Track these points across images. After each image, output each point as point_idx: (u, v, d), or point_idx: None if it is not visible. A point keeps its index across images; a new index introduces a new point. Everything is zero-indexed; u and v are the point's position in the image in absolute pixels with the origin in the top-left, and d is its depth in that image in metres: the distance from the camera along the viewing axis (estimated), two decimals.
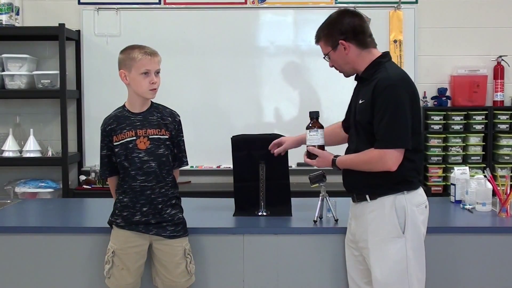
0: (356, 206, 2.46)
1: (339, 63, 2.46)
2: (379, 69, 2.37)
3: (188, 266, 2.58)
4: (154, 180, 2.52)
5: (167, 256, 2.55)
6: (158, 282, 2.60)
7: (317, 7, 4.56)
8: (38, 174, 4.51)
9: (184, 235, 2.60)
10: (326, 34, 2.46)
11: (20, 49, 4.46)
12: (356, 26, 2.41)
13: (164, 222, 2.54)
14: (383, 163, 2.29)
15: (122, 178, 2.56)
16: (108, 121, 2.57)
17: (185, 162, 2.67)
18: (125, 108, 2.58)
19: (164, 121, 2.57)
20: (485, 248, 2.68)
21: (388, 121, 2.26)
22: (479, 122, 4.51)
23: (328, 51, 2.46)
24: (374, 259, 2.36)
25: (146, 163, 2.51)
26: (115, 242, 2.55)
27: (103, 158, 2.59)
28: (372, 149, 2.31)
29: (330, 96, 4.50)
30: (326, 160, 2.46)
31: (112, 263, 2.54)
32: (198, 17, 4.55)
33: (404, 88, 2.31)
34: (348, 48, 2.40)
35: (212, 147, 4.51)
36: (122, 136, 2.52)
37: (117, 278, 2.55)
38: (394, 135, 2.27)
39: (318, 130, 2.50)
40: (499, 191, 2.87)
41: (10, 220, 3.05)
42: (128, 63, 2.50)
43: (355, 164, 2.39)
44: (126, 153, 2.52)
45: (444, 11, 4.60)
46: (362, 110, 2.36)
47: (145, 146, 2.51)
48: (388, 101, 2.27)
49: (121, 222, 2.55)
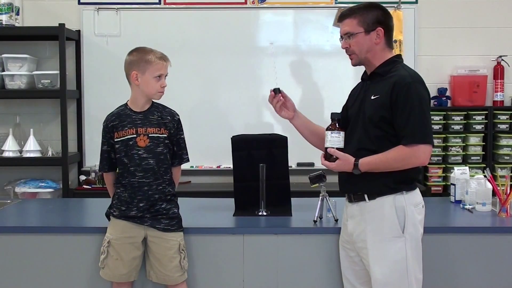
0: (353, 206, 2.45)
1: (361, 48, 2.41)
2: (395, 67, 2.40)
3: (181, 261, 2.62)
4: (151, 177, 2.59)
5: (161, 249, 2.60)
6: (152, 276, 2.65)
7: (317, 7, 4.56)
8: (38, 174, 4.51)
9: (179, 230, 2.65)
10: (364, 15, 2.40)
11: (20, 49, 4.46)
12: (392, 25, 2.46)
13: (159, 215, 2.60)
14: (416, 158, 2.30)
15: (121, 174, 2.64)
16: (110, 118, 2.65)
17: (186, 158, 2.73)
18: (127, 106, 2.66)
19: (164, 120, 2.64)
20: (485, 248, 2.68)
21: (416, 117, 2.28)
22: (479, 122, 4.51)
23: (357, 31, 2.39)
24: (374, 259, 2.36)
25: (145, 160, 2.58)
26: (111, 232, 2.62)
27: (103, 153, 2.68)
28: (401, 146, 2.30)
29: (330, 96, 4.50)
30: (348, 163, 2.36)
31: (107, 253, 2.60)
32: (198, 17, 4.55)
33: (424, 87, 2.36)
34: (380, 39, 2.40)
35: (212, 147, 4.51)
36: (123, 133, 2.61)
37: (111, 269, 2.61)
38: (424, 131, 2.30)
39: (340, 132, 2.42)
40: (499, 191, 2.87)
41: (10, 220, 3.06)
42: (143, 65, 2.57)
43: (384, 163, 2.33)
44: (126, 149, 2.60)
45: (444, 11, 4.59)
46: (376, 106, 2.35)
47: (144, 143, 2.59)
48: (413, 98, 2.29)
49: (118, 214, 2.62)
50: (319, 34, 4.55)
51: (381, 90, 2.35)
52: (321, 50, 4.56)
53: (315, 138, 2.64)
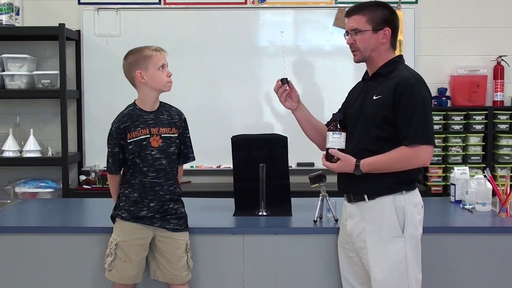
0: (352, 206, 2.45)
1: (367, 46, 2.40)
2: (397, 68, 2.40)
3: (188, 260, 2.63)
4: (163, 177, 2.59)
5: (170, 249, 2.60)
6: (158, 275, 2.64)
7: (317, 7, 4.56)
8: (38, 174, 4.51)
9: (186, 229, 2.66)
10: (373, 13, 2.39)
11: (20, 49, 4.46)
12: (398, 27, 2.46)
13: (168, 215, 2.60)
14: (418, 158, 2.31)
15: (131, 174, 2.61)
16: (122, 119, 2.60)
17: (192, 157, 2.73)
18: (136, 106, 2.63)
19: (173, 120, 2.65)
20: (485, 248, 2.68)
21: (419, 118, 2.29)
22: (479, 122, 4.51)
23: (365, 29, 2.39)
24: (373, 259, 2.36)
25: (158, 161, 2.58)
26: (119, 234, 2.59)
27: (113, 155, 2.62)
28: (403, 147, 2.30)
29: (330, 96, 4.50)
30: (349, 163, 2.35)
31: (115, 256, 2.58)
32: (198, 17, 4.55)
33: (426, 88, 2.36)
34: (386, 39, 2.40)
35: (212, 147, 4.50)
36: (136, 134, 2.58)
37: (120, 271, 2.58)
38: (426, 132, 2.30)
39: (342, 133, 2.41)
40: (499, 191, 2.87)
41: (10, 220, 3.06)
42: (143, 61, 2.57)
43: (385, 164, 2.33)
44: (139, 150, 2.58)
45: (444, 11, 4.59)
46: (378, 106, 2.35)
47: (157, 144, 2.59)
48: (416, 99, 2.30)
49: (127, 216, 2.59)
50: (319, 34, 4.55)
51: (384, 91, 2.35)
52: (321, 50, 4.56)
53: (313, 132, 2.63)
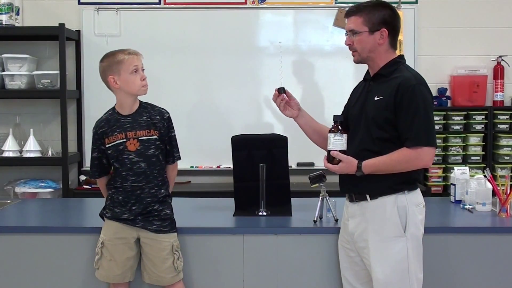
0: (354, 206, 2.45)
1: (364, 46, 2.40)
2: (399, 69, 2.39)
3: (175, 262, 2.61)
4: (144, 181, 2.58)
5: (153, 251, 2.60)
6: (145, 277, 2.65)
7: (317, 7, 4.56)
8: (38, 174, 4.51)
9: (172, 231, 2.63)
10: (370, 14, 2.38)
11: (20, 49, 4.45)
12: (398, 27, 2.43)
13: (151, 216, 2.59)
14: (420, 160, 2.30)
15: (113, 178, 2.64)
16: (100, 124, 2.64)
17: (177, 156, 2.71)
18: (115, 110, 2.64)
19: (153, 121, 2.61)
20: (485, 248, 2.68)
21: (421, 119, 2.28)
22: (479, 122, 4.51)
23: (361, 30, 2.38)
24: (375, 259, 2.36)
25: (136, 164, 2.57)
26: (105, 233, 2.62)
27: (93, 160, 2.66)
28: (405, 148, 2.30)
29: (330, 96, 4.50)
30: (351, 165, 2.35)
31: (101, 254, 2.60)
32: (198, 17, 4.54)
33: (428, 89, 2.36)
34: (383, 39, 2.39)
35: (212, 147, 4.51)
36: (113, 138, 2.59)
37: (105, 269, 2.61)
38: (428, 133, 2.30)
39: (343, 134, 2.40)
40: (499, 191, 2.87)
41: (10, 220, 3.05)
42: (116, 66, 2.56)
43: (387, 165, 2.32)
44: (117, 154, 2.58)
45: (444, 11, 4.59)
46: (380, 107, 2.35)
47: (135, 147, 2.58)
48: (418, 100, 2.29)
49: (110, 216, 2.62)
50: (319, 34, 4.55)
51: (385, 91, 2.35)
52: (321, 50, 4.56)
53: (317, 137, 2.65)
